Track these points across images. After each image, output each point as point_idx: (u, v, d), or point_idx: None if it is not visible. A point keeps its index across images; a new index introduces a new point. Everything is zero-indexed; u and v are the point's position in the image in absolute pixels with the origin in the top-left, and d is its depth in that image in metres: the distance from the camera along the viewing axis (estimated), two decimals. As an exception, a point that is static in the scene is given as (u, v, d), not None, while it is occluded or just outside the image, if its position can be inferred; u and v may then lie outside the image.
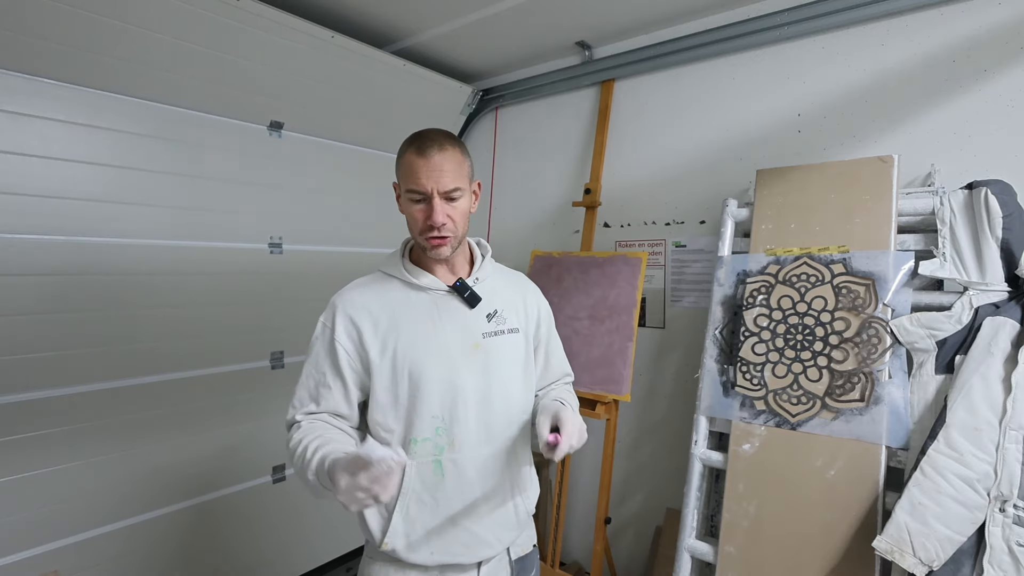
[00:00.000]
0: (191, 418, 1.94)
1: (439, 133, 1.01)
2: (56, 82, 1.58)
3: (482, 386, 1.05)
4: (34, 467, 1.60)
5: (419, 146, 0.97)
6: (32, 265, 1.57)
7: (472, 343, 1.05)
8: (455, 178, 0.98)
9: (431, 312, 1.05)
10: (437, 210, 0.97)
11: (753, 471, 1.51)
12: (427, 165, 0.96)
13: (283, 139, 2.15)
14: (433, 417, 1.02)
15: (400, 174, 1.01)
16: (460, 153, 1.01)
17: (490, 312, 1.09)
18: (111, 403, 1.74)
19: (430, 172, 0.96)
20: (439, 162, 0.96)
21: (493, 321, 1.09)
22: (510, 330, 1.11)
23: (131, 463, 1.80)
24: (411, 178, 0.97)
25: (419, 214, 1.00)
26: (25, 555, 1.59)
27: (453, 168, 0.98)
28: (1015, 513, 1.16)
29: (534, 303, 1.19)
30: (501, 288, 1.14)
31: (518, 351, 1.12)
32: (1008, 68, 1.49)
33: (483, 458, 1.05)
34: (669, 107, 2.13)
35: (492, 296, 1.11)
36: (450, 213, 0.99)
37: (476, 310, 1.07)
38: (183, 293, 1.89)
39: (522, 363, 1.13)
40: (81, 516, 1.70)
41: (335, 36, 1.94)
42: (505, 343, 1.10)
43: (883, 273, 1.44)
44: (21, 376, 1.57)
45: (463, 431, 1.03)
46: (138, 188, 1.76)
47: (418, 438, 1.02)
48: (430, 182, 0.96)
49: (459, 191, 1.00)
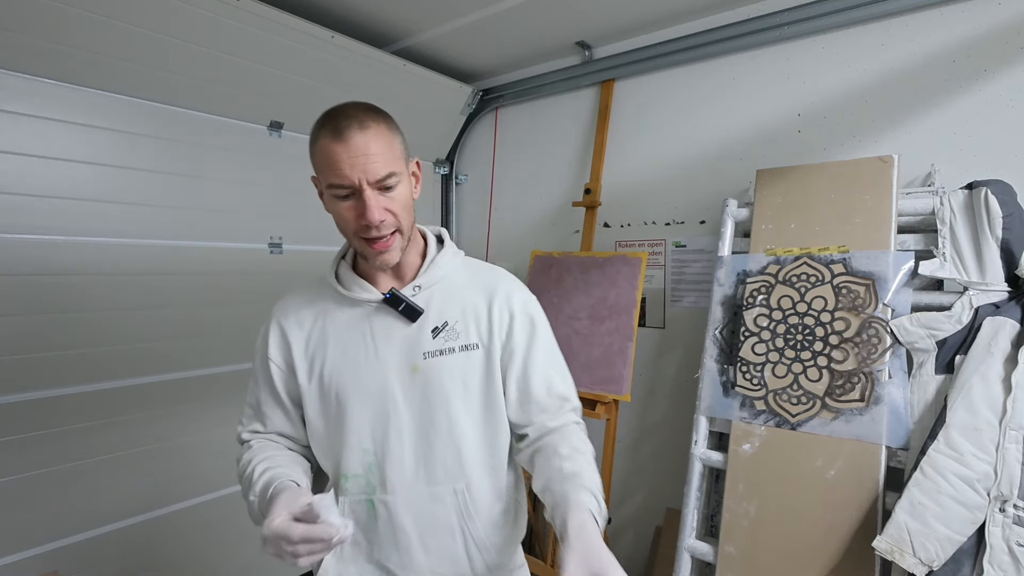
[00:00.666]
0: (191, 418, 1.94)
1: (355, 107, 0.82)
2: (56, 82, 1.58)
3: (421, 417, 0.88)
4: (34, 467, 1.60)
5: (334, 127, 0.78)
6: (32, 265, 1.57)
7: (411, 365, 0.88)
8: (387, 161, 0.80)
9: (362, 328, 0.89)
10: (371, 205, 0.79)
11: (753, 471, 1.51)
12: (347, 150, 0.78)
13: (283, 139, 2.15)
14: (364, 451, 0.88)
15: (317, 166, 0.83)
16: (387, 128, 0.82)
17: (437, 326, 0.89)
18: (111, 403, 1.74)
19: (353, 159, 0.78)
20: (362, 144, 0.78)
21: (440, 337, 0.89)
22: (464, 347, 0.90)
23: (131, 463, 1.80)
24: (331, 169, 0.79)
25: (349, 212, 0.82)
26: (25, 555, 1.59)
27: (382, 149, 0.80)
28: (1015, 513, 1.16)
29: (503, 306, 0.93)
30: (458, 293, 0.93)
31: (473, 374, 0.90)
32: (1008, 68, 1.49)
33: (421, 503, 0.87)
34: (669, 107, 2.13)
35: (444, 304, 0.91)
36: (388, 206, 0.82)
37: (418, 324, 0.89)
38: (183, 293, 1.89)
39: (480, 388, 0.90)
40: (81, 516, 1.70)
41: (335, 36, 1.94)
42: (454, 364, 0.89)
43: (883, 273, 1.44)
44: (21, 376, 1.57)
45: (396, 470, 0.87)
46: (138, 188, 1.76)
47: (348, 474, 0.89)
48: (355, 171, 0.78)
49: (394, 176, 0.81)
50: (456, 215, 2.91)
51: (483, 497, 0.91)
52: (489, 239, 2.73)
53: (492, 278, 0.97)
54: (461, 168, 2.89)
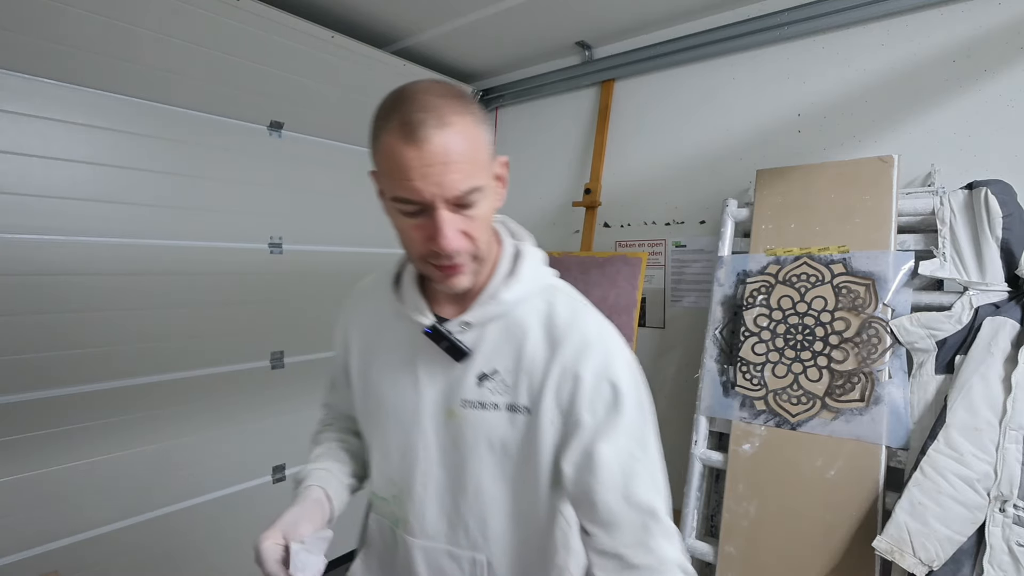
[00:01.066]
0: (191, 418, 1.94)
1: (433, 92, 0.62)
2: (56, 82, 1.58)
3: (450, 470, 0.75)
4: (34, 467, 1.60)
5: (403, 122, 0.59)
6: (32, 265, 1.57)
7: (448, 408, 0.74)
8: (470, 172, 0.61)
9: (409, 351, 0.77)
10: (446, 230, 0.62)
11: (753, 471, 1.51)
12: (421, 156, 0.59)
13: (283, 139, 2.15)
14: (390, 481, 0.79)
15: (379, 167, 0.65)
16: (473, 124, 0.63)
17: (485, 372, 0.72)
18: (111, 403, 1.74)
19: (427, 168, 0.59)
20: (441, 149, 0.59)
21: (485, 387, 0.72)
22: (509, 407, 0.71)
23: (131, 463, 1.80)
24: (398, 179, 0.61)
25: (416, 232, 0.64)
26: (25, 555, 1.59)
27: (466, 155, 0.61)
28: (1015, 513, 1.16)
29: (568, 366, 0.69)
30: (518, 334, 0.72)
31: (515, 440, 0.72)
32: (1008, 68, 1.49)
33: (438, 557, 0.77)
34: (669, 107, 2.13)
35: (498, 347, 0.73)
36: (466, 228, 0.64)
37: (464, 365, 0.73)
38: (183, 293, 1.89)
39: (522, 461, 0.72)
40: (81, 516, 1.69)
41: (335, 36, 1.94)
42: (493, 423, 0.72)
43: (883, 273, 1.44)
44: (21, 376, 1.57)
45: (418, 517, 0.77)
46: (138, 188, 1.76)
47: (378, 494, 0.83)
48: (429, 185, 0.60)
49: (477, 192, 0.63)
50: (456, 215, 2.91)
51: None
52: (489, 239, 2.73)
53: (568, 322, 0.72)
54: (461, 168, 2.89)
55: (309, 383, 2.23)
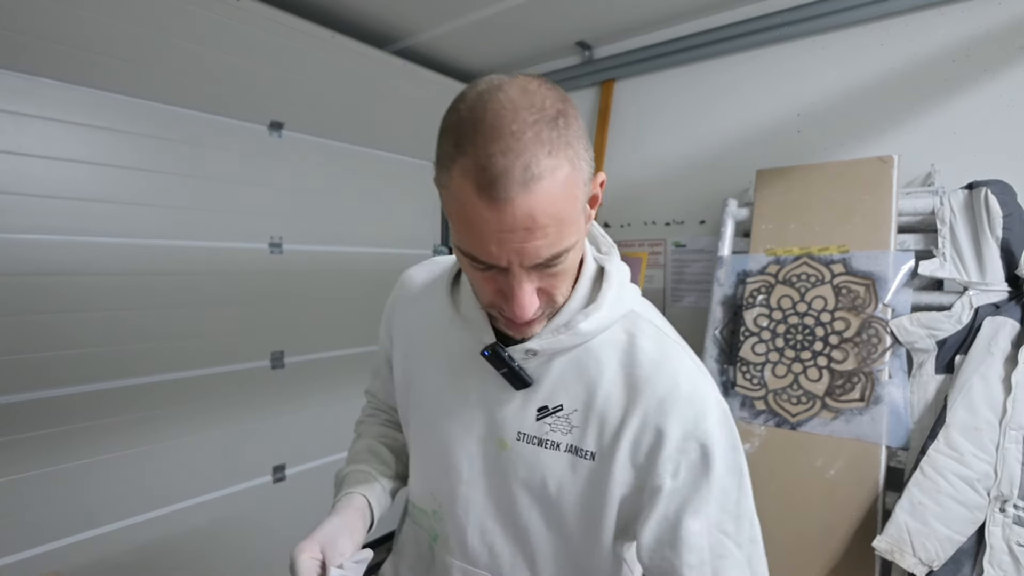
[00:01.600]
0: (191, 418, 1.94)
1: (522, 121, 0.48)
2: (56, 82, 1.58)
3: (497, 503, 0.68)
4: (34, 467, 1.60)
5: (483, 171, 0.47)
6: (32, 265, 1.57)
7: (500, 437, 0.66)
8: (560, 234, 0.51)
9: (459, 363, 0.68)
10: (521, 297, 0.54)
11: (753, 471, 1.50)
12: (502, 221, 0.48)
13: (283, 139, 2.15)
14: (431, 495, 0.74)
15: (447, 202, 0.53)
16: (569, 164, 0.50)
17: (548, 406, 0.64)
18: (111, 403, 1.74)
19: (507, 235, 0.49)
20: (525, 213, 0.48)
21: (546, 422, 0.64)
22: (572, 448, 0.63)
23: (131, 463, 1.80)
24: (469, 234, 0.51)
25: (487, 284, 0.57)
26: (25, 555, 1.59)
27: (557, 216, 0.50)
28: (1015, 513, 1.16)
29: (650, 419, 0.60)
30: (592, 369, 0.63)
31: (573, 485, 0.64)
32: (1008, 68, 1.49)
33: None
34: (669, 107, 2.13)
35: (565, 381, 0.63)
36: (546, 285, 0.57)
37: (525, 393, 0.65)
38: (183, 293, 1.89)
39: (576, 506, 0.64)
40: (81, 516, 1.69)
41: (335, 36, 1.94)
42: (551, 463, 0.64)
43: (883, 273, 1.44)
44: (21, 376, 1.57)
45: (458, 539, 0.71)
46: (138, 188, 1.76)
47: (416, 504, 0.77)
48: (506, 252, 0.51)
49: (566, 253, 0.53)
50: (456, 215, 2.91)
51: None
52: (489, 239, 2.73)
53: (655, 362, 0.62)
54: (461, 168, 2.89)
55: (309, 383, 2.23)
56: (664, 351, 0.63)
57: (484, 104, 0.49)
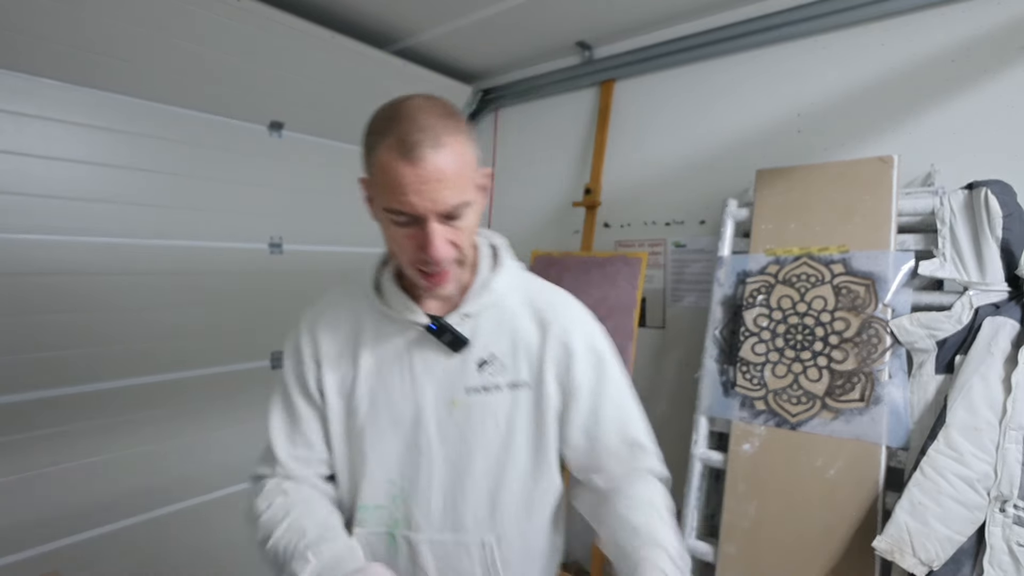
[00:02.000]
0: (191, 418, 1.94)
1: (431, 114, 0.67)
2: (56, 82, 1.58)
3: (455, 458, 0.80)
4: (34, 467, 1.60)
5: (401, 141, 0.65)
6: (32, 265, 1.57)
7: (450, 399, 0.79)
8: (461, 189, 0.68)
9: (401, 351, 0.81)
10: (436, 240, 0.68)
11: (753, 471, 1.51)
12: (417, 175, 0.64)
13: (283, 139, 2.15)
14: (390, 482, 0.81)
15: (375, 177, 0.69)
16: (463, 143, 0.69)
17: (484, 359, 0.80)
18: (111, 403, 1.74)
19: (422, 186, 0.65)
20: (435, 168, 0.65)
21: (485, 371, 0.80)
22: (511, 384, 0.80)
23: (131, 463, 1.80)
24: (393, 193, 0.66)
25: (407, 241, 0.70)
26: (25, 555, 1.59)
27: (457, 173, 0.67)
28: (1015, 513, 1.16)
29: (559, 340, 0.81)
30: (509, 320, 0.82)
31: (521, 416, 0.80)
32: (1008, 68, 1.49)
33: (445, 548, 0.80)
34: (669, 107, 2.13)
35: (493, 334, 0.81)
36: (454, 238, 0.71)
37: (462, 355, 0.79)
38: (183, 293, 1.89)
39: (527, 432, 0.81)
40: (81, 516, 1.70)
41: (335, 36, 1.94)
42: (498, 403, 0.80)
43: (883, 273, 1.44)
44: (21, 376, 1.57)
45: (423, 510, 0.80)
46: (138, 188, 1.76)
47: (369, 504, 0.82)
48: (423, 200, 0.66)
49: (467, 206, 0.70)
50: (456, 215, 2.91)
51: (514, 555, 0.82)
52: (489, 239, 2.73)
53: (549, 304, 0.84)
54: (461, 168, 2.89)
55: (309, 383, 2.23)
56: (554, 293, 0.87)
57: (400, 105, 0.69)
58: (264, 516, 0.80)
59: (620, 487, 0.82)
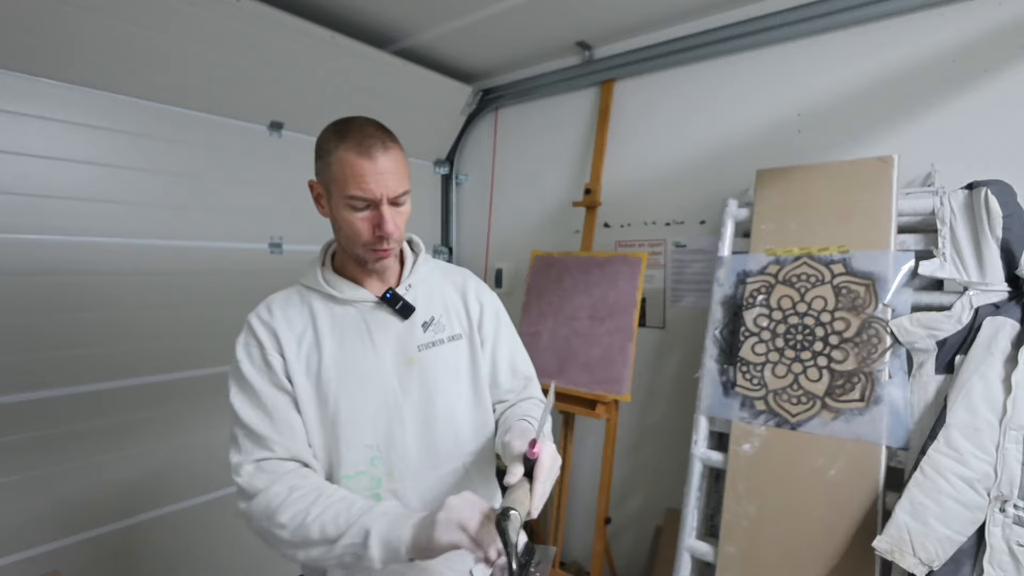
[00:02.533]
0: (192, 418, 1.94)
1: (376, 127, 0.88)
2: (56, 82, 1.58)
3: (421, 406, 0.95)
4: (34, 467, 1.60)
5: (359, 143, 0.84)
6: (32, 265, 1.57)
7: (406, 358, 0.95)
8: (402, 181, 0.88)
9: (359, 328, 0.94)
10: (388, 219, 0.86)
11: (753, 471, 1.51)
12: (374, 167, 0.84)
13: (283, 139, 2.15)
14: (367, 447, 0.91)
15: (332, 175, 0.87)
16: (401, 151, 0.90)
17: (426, 320, 0.99)
18: (112, 403, 1.74)
19: (378, 175, 0.84)
20: (385, 164, 0.85)
21: (430, 330, 0.98)
22: (451, 338, 1.00)
23: (132, 463, 1.80)
24: (354, 182, 0.84)
25: (364, 223, 0.88)
26: (25, 555, 1.59)
27: (399, 170, 0.88)
28: (1015, 513, 1.16)
29: (475, 300, 1.06)
30: (438, 290, 1.04)
31: (462, 361, 1.01)
32: (1008, 68, 1.49)
33: (428, 484, 0.94)
34: (669, 107, 2.13)
35: (428, 301, 1.01)
36: (398, 221, 0.90)
37: (410, 320, 0.96)
38: (183, 293, 1.89)
39: (469, 373, 1.01)
40: (81, 516, 1.70)
41: (335, 36, 1.94)
42: (445, 354, 0.99)
43: (883, 273, 1.44)
44: (21, 376, 1.57)
45: (402, 458, 0.92)
46: (138, 188, 1.76)
47: (350, 473, 0.90)
48: (379, 187, 0.85)
49: (406, 195, 0.90)
50: (456, 215, 2.91)
51: (478, 470, 1.01)
52: (489, 239, 2.73)
53: (461, 276, 1.10)
54: (461, 168, 2.89)
55: (309, 383, 2.23)
56: (459, 268, 1.12)
57: (350, 121, 0.90)
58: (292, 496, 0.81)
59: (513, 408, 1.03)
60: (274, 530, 0.81)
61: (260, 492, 0.83)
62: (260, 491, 0.83)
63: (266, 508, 0.81)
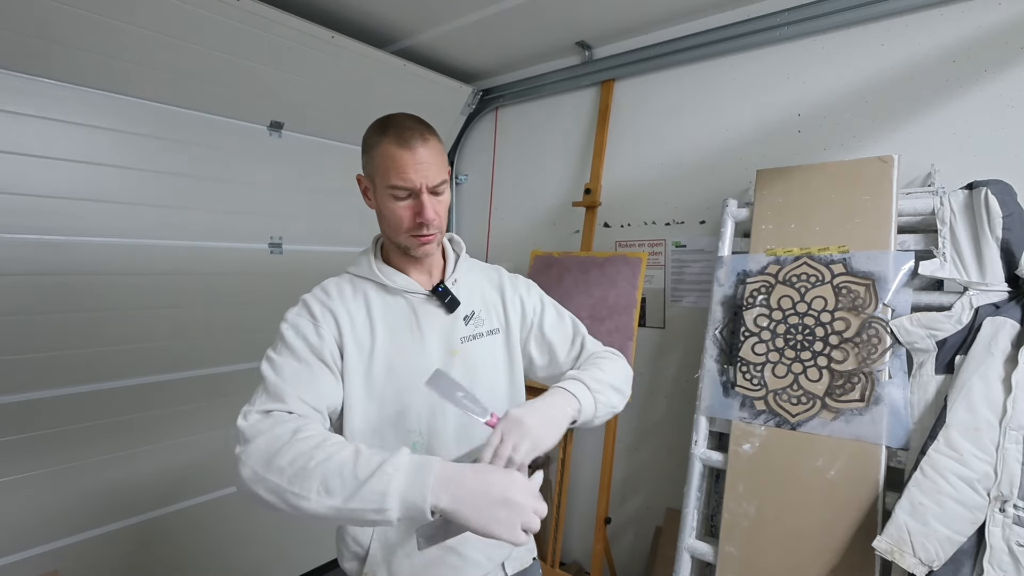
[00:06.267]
0: (192, 418, 1.94)
1: (415, 121, 0.93)
2: (56, 82, 1.58)
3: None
4: (34, 467, 1.60)
5: (399, 136, 0.89)
6: (32, 265, 1.57)
7: (451, 349, 1.00)
8: (440, 171, 0.93)
9: (409, 318, 0.99)
10: (428, 207, 0.91)
11: (753, 471, 1.51)
12: (414, 158, 0.88)
13: (283, 139, 2.15)
14: (410, 432, 0.96)
15: (376, 167, 0.92)
16: (439, 142, 0.95)
17: (467, 314, 1.03)
18: (112, 403, 1.74)
19: (418, 165, 0.89)
20: (425, 154, 0.90)
21: (471, 324, 1.04)
22: (490, 332, 1.06)
23: (132, 463, 1.80)
24: (395, 173, 0.89)
25: (405, 211, 0.92)
26: (25, 555, 1.59)
27: (438, 160, 0.92)
28: (1015, 513, 1.16)
29: (514, 296, 1.10)
30: (478, 287, 1.08)
31: (499, 354, 1.06)
32: (1008, 68, 1.49)
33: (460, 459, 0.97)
34: (669, 107, 2.13)
35: (469, 297, 1.05)
36: (437, 208, 0.94)
37: (454, 314, 1.01)
38: (183, 293, 1.89)
39: (505, 366, 1.07)
40: (81, 516, 1.70)
41: (335, 36, 1.94)
42: (484, 347, 1.04)
43: (883, 273, 1.44)
44: (22, 376, 1.57)
45: (442, 446, 0.97)
46: (138, 188, 1.76)
47: None
48: (418, 176, 0.89)
49: (444, 184, 0.94)
50: (456, 215, 2.91)
51: None
52: (489, 239, 2.73)
53: (496, 273, 1.15)
54: (461, 168, 2.89)
55: (309, 383, 2.23)
56: (496, 267, 1.17)
57: (392, 117, 0.94)
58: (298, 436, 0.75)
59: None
60: (270, 476, 0.71)
61: (261, 434, 0.76)
62: (262, 433, 0.76)
63: (265, 450, 0.73)
